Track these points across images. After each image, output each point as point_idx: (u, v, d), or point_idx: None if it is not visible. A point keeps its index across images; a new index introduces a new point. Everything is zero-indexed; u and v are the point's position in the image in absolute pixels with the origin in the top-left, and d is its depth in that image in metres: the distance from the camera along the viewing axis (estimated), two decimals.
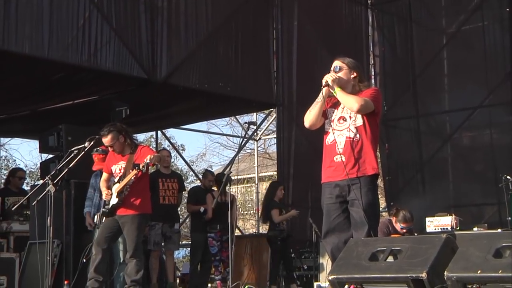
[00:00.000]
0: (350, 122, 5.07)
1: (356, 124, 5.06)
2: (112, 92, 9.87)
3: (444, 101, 12.71)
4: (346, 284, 4.80)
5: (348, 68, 5.20)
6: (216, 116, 15.44)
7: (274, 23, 11.16)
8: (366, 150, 5.02)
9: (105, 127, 6.88)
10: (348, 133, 5.06)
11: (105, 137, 6.80)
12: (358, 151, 5.02)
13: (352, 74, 5.19)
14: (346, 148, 5.04)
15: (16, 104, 10.48)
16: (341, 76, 5.14)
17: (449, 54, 12.54)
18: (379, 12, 13.08)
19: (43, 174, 8.83)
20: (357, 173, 5.00)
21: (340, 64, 5.22)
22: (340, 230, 5.09)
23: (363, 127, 5.05)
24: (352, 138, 5.04)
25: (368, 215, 4.97)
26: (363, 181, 4.99)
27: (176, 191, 8.78)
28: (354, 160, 5.01)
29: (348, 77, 5.17)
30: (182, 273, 11.49)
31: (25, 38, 8.05)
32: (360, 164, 5.01)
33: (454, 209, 10.01)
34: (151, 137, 16.15)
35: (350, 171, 5.00)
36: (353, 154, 5.02)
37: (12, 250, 8.57)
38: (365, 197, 4.97)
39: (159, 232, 8.48)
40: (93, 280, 6.69)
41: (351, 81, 5.17)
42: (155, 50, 9.28)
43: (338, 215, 5.08)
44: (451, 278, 4.30)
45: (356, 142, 5.03)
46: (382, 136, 12.94)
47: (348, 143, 5.04)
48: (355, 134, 5.04)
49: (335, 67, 5.21)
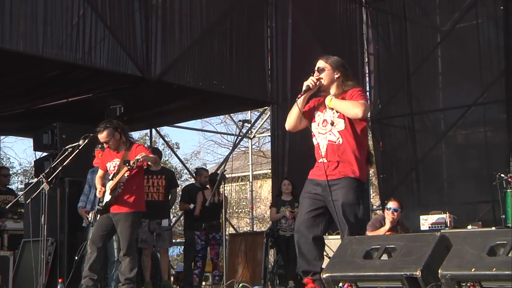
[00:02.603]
0: (332, 126, 5.08)
1: (338, 129, 5.06)
2: (106, 90, 9.86)
3: (439, 99, 12.72)
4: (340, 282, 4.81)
5: (331, 68, 5.13)
6: (211, 114, 15.45)
7: (269, 21, 11.16)
8: (347, 154, 5.03)
9: (101, 124, 6.89)
10: (330, 137, 5.08)
11: (100, 133, 6.81)
12: (339, 154, 5.04)
13: (336, 74, 5.13)
14: (328, 151, 5.08)
15: (10, 102, 10.46)
16: (323, 77, 5.11)
17: (444, 52, 12.54)
18: (374, 10, 13.08)
19: (37, 172, 8.82)
20: (338, 174, 5.03)
21: (323, 65, 5.16)
22: (312, 225, 5.10)
23: (346, 131, 5.04)
24: (334, 141, 5.07)
25: (347, 215, 4.99)
26: (343, 182, 5.01)
27: (162, 187, 8.68)
28: (336, 163, 5.04)
29: (332, 77, 5.13)
30: (176, 271, 11.48)
31: (19, 35, 8.04)
32: (342, 167, 5.03)
33: (449, 207, 10.01)
34: (145, 135, 16.13)
35: (332, 173, 5.04)
36: (335, 157, 5.05)
37: (6, 248, 8.56)
38: (345, 197, 4.99)
39: (146, 229, 8.43)
40: (88, 278, 6.69)
41: (334, 81, 5.14)
42: (150, 48, 9.27)
43: (313, 210, 5.10)
44: (445, 276, 4.31)
45: (337, 146, 5.05)
46: (377, 134, 12.96)
47: (330, 147, 5.08)
48: (337, 138, 5.06)
49: (318, 67, 5.16)
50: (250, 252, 9.90)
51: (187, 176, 19.80)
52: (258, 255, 9.90)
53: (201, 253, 9.37)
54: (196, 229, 9.28)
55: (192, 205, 9.32)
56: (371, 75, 13.12)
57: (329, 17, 12.32)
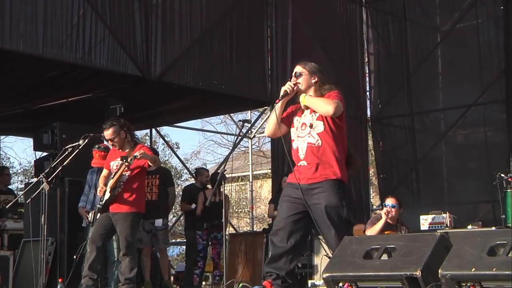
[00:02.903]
0: (311, 128, 5.11)
1: (318, 131, 5.08)
2: (106, 90, 9.86)
3: (439, 99, 12.73)
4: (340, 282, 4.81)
5: (308, 73, 5.20)
6: (211, 114, 15.45)
7: (269, 21, 11.15)
8: (327, 155, 5.04)
9: (108, 121, 6.91)
10: (310, 139, 5.10)
11: (106, 130, 6.82)
12: (319, 156, 5.05)
13: (313, 79, 5.19)
14: (308, 154, 5.09)
15: (10, 102, 10.46)
16: (301, 82, 5.17)
17: (444, 52, 12.55)
18: (374, 10, 13.09)
19: (37, 172, 8.82)
20: (319, 178, 5.02)
21: (300, 70, 5.23)
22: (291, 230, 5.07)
23: (325, 132, 5.06)
24: (313, 144, 5.08)
25: (332, 217, 4.97)
26: (324, 185, 5.00)
27: (156, 187, 8.63)
28: (316, 165, 5.04)
29: (309, 82, 5.18)
30: (176, 271, 11.48)
31: (19, 35, 8.04)
32: (322, 169, 5.03)
33: (449, 207, 10.01)
34: (145, 135, 16.12)
35: (312, 176, 5.04)
36: (314, 160, 5.05)
37: (6, 248, 8.57)
38: (328, 200, 4.98)
39: (141, 229, 8.40)
40: (87, 277, 6.68)
41: (312, 85, 5.19)
42: (150, 48, 9.27)
43: (293, 214, 5.08)
44: (445, 276, 4.31)
45: (317, 148, 5.06)
46: (377, 134, 12.97)
47: (309, 149, 5.08)
48: (316, 140, 5.07)
49: (295, 72, 5.24)
50: (250, 252, 9.92)
51: (187, 176, 19.82)
52: (258, 255, 9.91)
53: (202, 253, 9.37)
54: (198, 229, 9.28)
55: (194, 205, 9.31)
56: (371, 75, 13.13)
57: (329, 17, 12.32)
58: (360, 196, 12.58)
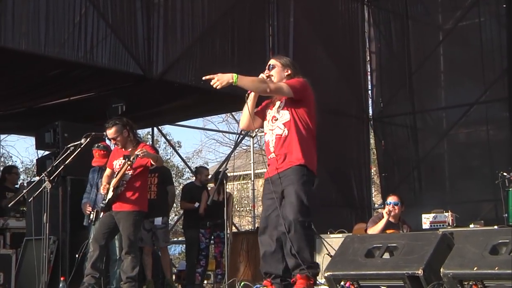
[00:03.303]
0: (279, 120, 5.17)
1: (284, 120, 5.15)
2: (108, 88, 9.86)
3: (441, 97, 12.71)
4: (342, 280, 4.82)
5: (281, 65, 5.30)
6: (212, 113, 15.42)
7: (270, 20, 11.14)
8: (293, 143, 5.09)
9: (110, 120, 6.92)
10: (277, 130, 5.17)
11: (109, 129, 6.82)
12: (286, 146, 5.11)
13: (286, 71, 5.28)
14: (276, 145, 5.16)
15: (12, 101, 10.46)
16: (273, 74, 5.25)
17: (446, 50, 12.53)
18: (375, 8, 13.07)
19: (39, 170, 8.82)
20: (285, 166, 5.07)
21: (273, 63, 5.35)
22: (274, 226, 5.12)
23: (291, 121, 5.11)
24: (280, 134, 5.14)
25: (292, 202, 4.97)
26: (290, 172, 5.04)
27: (154, 185, 8.59)
28: (283, 155, 5.10)
29: (281, 74, 5.27)
30: (178, 269, 11.48)
31: (21, 34, 8.04)
32: (288, 157, 5.08)
33: (451, 205, 9.99)
34: (147, 134, 16.13)
35: (280, 165, 5.08)
36: (282, 150, 5.11)
37: (9, 247, 8.58)
38: (289, 185, 5.01)
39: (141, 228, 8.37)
40: (90, 276, 6.69)
41: (284, 78, 5.26)
42: (151, 47, 9.26)
43: (273, 211, 5.13)
44: (447, 275, 4.31)
45: (284, 138, 5.13)
46: (378, 132, 12.96)
47: (277, 140, 5.15)
48: (283, 130, 5.14)
49: (269, 65, 5.34)
50: (252, 251, 9.91)
51: (189, 175, 19.79)
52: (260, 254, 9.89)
53: (205, 251, 9.37)
54: (201, 228, 9.28)
55: (197, 203, 9.30)
56: (372, 74, 13.11)
57: (331, 16, 12.31)
58: (362, 195, 12.57)
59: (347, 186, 12.34)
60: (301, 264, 4.86)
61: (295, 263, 4.91)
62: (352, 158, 12.51)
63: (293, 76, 5.26)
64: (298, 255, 4.87)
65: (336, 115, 11.99)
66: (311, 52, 11.57)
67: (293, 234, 4.90)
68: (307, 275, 4.85)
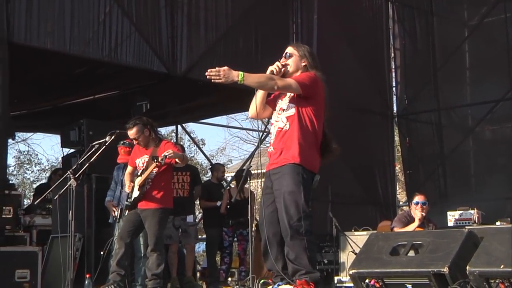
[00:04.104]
0: (284, 113, 4.92)
1: (288, 114, 4.89)
2: (132, 86, 9.91)
3: (466, 94, 12.62)
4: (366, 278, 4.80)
5: (298, 55, 5.05)
6: (236, 110, 15.42)
7: (294, 17, 11.12)
8: (292, 140, 4.82)
9: (131, 120, 6.93)
10: (280, 123, 4.92)
11: (130, 130, 6.85)
12: (284, 141, 4.85)
13: (303, 61, 5.03)
14: (276, 138, 4.92)
15: (38, 99, 10.57)
16: (290, 63, 5.02)
17: (471, 47, 12.44)
18: (400, 4, 13.00)
19: (64, 168, 8.89)
20: (279, 163, 4.84)
21: (291, 51, 5.10)
22: (270, 222, 4.89)
23: (295, 116, 4.84)
24: (282, 128, 4.89)
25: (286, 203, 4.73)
26: (283, 169, 4.79)
27: (187, 184, 8.70)
28: (280, 150, 4.86)
29: (298, 64, 5.02)
30: (202, 267, 11.52)
31: (47, 33, 8.12)
32: (284, 154, 4.82)
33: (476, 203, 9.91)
34: (171, 132, 16.18)
35: (275, 161, 4.87)
36: (279, 145, 4.88)
37: (35, 244, 8.65)
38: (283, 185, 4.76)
39: (170, 225, 8.44)
40: (115, 273, 6.73)
41: (300, 68, 5.02)
42: (175, 45, 9.30)
43: (268, 206, 4.90)
44: (473, 272, 4.28)
45: (284, 132, 4.87)
46: (403, 129, 12.89)
47: (277, 134, 4.91)
48: (284, 124, 4.88)
49: (286, 53, 5.10)
50: None
51: None
52: None
53: (228, 249, 9.39)
54: (224, 226, 9.31)
55: (219, 202, 9.31)
56: (397, 71, 13.05)
57: (355, 13, 12.26)
58: (386, 192, 12.51)
59: (372, 184, 12.28)
60: (300, 269, 4.68)
61: (293, 269, 4.72)
62: (377, 156, 12.45)
63: (309, 67, 5.00)
64: (296, 261, 4.69)
65: (361, 113, 11.95)
66: (335, 49, 11.53)
67: (289, 241, 4.70)
68: (306, 280, 4.64)
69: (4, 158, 8.00)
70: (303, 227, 4.68)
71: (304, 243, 4.68)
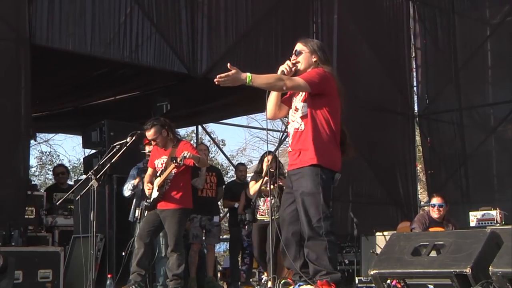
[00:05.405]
0: (298, 113, 4.86)
1: (302, 114, 4.83)
2: (153, 87, 9.95)
3: (488, 93, 12.52)
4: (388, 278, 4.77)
5: (309, 51, 4.90)
6: (256, 111, 15.43)
7: (314, 17, 11.10)
8: (307, 141, 4.77)
9: (148, 121, 6.95)
10: (295, 124, 4.87)
11: (148, 131, 6.87)
12: (301, 142, 4.81)
13: (313, 57, 4.90)
14: (293, 139, 4.89)
15: (59, 100, 10.65)
16: (300, 60, 4.89)
17: (493, 46, 12.33)
18: (421, 3, 12.94)
19: (86, 169, 8.94)
20: (298, 164, 4.81)
21: (300, 48, 4.94)
22: (290, 221, 4.87)
23: (308, 116, 4.79)
24: (297, 129, 4.85)
25: (306, 205, 4.71)
26: (302, 171, 4.76)
27: (215, 184, 8.78)
28: (298, 151, 4.82)
29: (309, 61, 4.89)
30: (223, 267, 11.53)
31: (68, 35, 8.17)
32: (303, 155, 4.78)
33: (499, 203, 9.84)
34: (192, 132, 16.25)
35: (294, 162, 4.84)
36: (297, 145, 4.84)
37: (57, 244, 8.71)
38: (303, 186, 4.74)
39: (197, 224, 8.49)
40: (136, 273, 6.76)
41: (312, 65, 4.90)
42: (196, 45, 9.32)
43: (288, 205, 4.89)
44: (496, 273, 4.24)
45: (300, 132, 4.82)
46: (424, 129, 12.82)
47: (294, 134, 4.87)
48: (300, 124, 4.83)
49: (295, 50, 4.96)
50: None
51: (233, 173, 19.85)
52: None
53: (248, 250, 9.39)
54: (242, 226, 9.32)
55: (236, 204, 9.32)
56: (418, 70, 12.99)
57: (375, 12, 12.22)
58: (407, 192, 12.45)
59: (393, 184, 12.23)
60: (321, 270, 4.67)
61: (314, 269, 4.71)
62: (398, 155, 12.40)
63: (320, 62, 4.88)
64: (316, 262, 4.68)
65: (381, 112, 11.90)
66: (355, 49, 11.50)
67: (309, 242, 4.70)
68: (327, 280, 4.62)
69: (27, 159, 8.07)
70: (323, 228, 4.67)
71: (325, 244, 4.67)
